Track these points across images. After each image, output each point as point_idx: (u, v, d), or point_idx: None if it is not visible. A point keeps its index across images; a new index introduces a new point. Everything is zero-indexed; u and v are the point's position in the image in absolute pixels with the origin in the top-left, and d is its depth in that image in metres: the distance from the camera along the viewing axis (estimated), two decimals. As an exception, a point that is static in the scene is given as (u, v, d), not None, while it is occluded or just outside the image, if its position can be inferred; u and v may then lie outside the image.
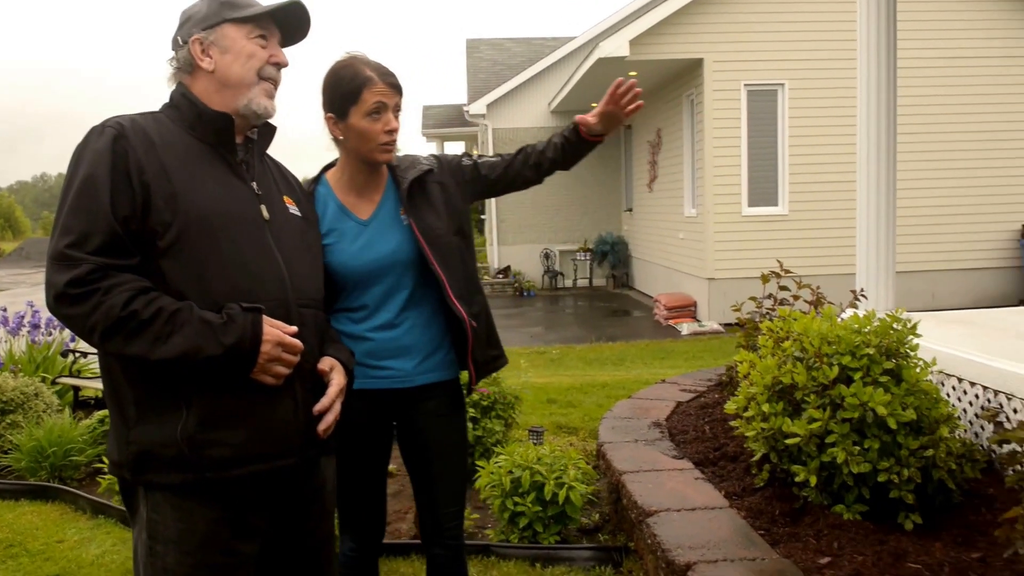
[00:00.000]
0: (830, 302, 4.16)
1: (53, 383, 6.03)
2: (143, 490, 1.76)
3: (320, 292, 2.03)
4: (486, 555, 3.48)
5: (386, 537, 3.64)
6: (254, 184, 1.91)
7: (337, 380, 1.94)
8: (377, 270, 2.30)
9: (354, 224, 2.32)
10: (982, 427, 3.22)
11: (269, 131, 2.01)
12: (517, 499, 3.51)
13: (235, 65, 1.87)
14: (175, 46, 1.90)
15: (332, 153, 2.40)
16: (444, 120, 21.32)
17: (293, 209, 2.01)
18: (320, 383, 1.92)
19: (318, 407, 1.89)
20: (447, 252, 2.34)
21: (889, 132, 4.11)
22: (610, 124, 2.41)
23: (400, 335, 2.35)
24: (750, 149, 11.10)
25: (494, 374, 4.37)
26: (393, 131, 2.25)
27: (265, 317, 1.74)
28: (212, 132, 1.86)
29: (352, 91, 2.20)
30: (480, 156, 2.51)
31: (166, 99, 1.92)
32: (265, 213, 1.89)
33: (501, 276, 16.88)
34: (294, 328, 1.79)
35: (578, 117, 2.42)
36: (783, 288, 4.38)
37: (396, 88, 2.25)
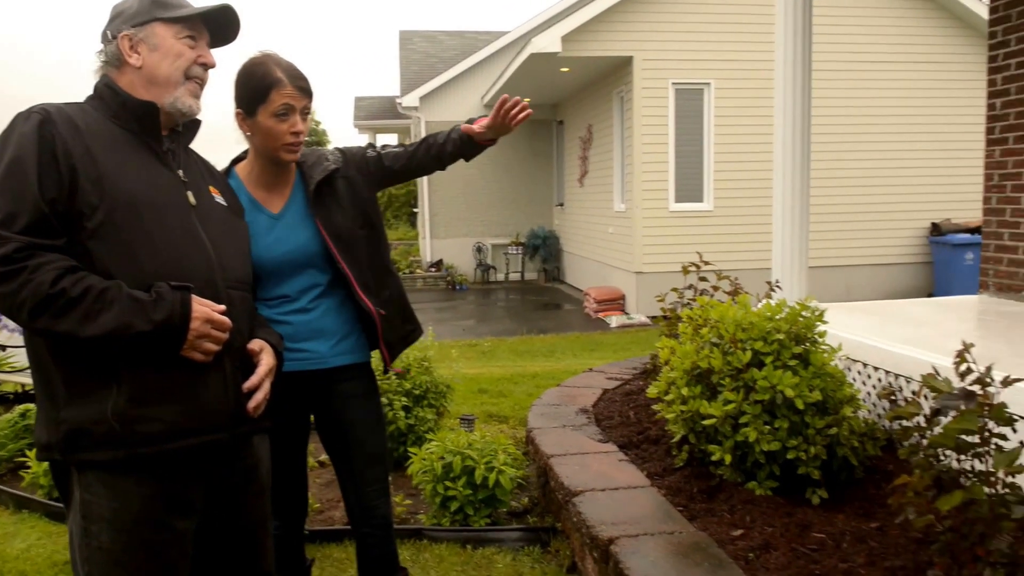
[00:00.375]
0: (748, 293, 4.36)
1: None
2: (76, 472, 1.78)
3: (248, 276, 2.08)
4: (418, 539, 3.57)
5: (319, 525, 3.73)
6: (180, 172, 1.96)
7: (266, 360, 2.01)
8: (289, 263, 2.39)
9: (265, 218, 2.39)
10: (885, 408, 3.44)
11: (194, 125, 2.06)
12: (448, 483, 3.60)
13: (163, 63, 1.92)
14: (104, 40, 1.94)
15: (243, 145, 2.46)
16: (376, 112, 21.12)
17: (218, 198, 2.07)
18: (250, 362, 1.98)
19: (247, 385, 1.95)
20: (354, 246, 2.45)
21: (804, 132, 4.32)
22: (498, 132, 2.54)
23: (315, 319, 2.45)
24: (677, 146, 11.35)
25: (426, 364, 4.52)
26: (299, 133, 2.32)
27: (194, 296, 1.79)
28: (136, 120, 1.90)
29: (261, 91, 2.26)
30: (384, 147, 2.61)
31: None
32: (192, 199, 1.94)
33: (434, 270, 16.89)
34: (222, 307, 1.85)
35: (463, 127, 2.52)
36: (703, 279, 4.57)
37: (305, 92, 2.32)
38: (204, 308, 1.80)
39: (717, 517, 2.85)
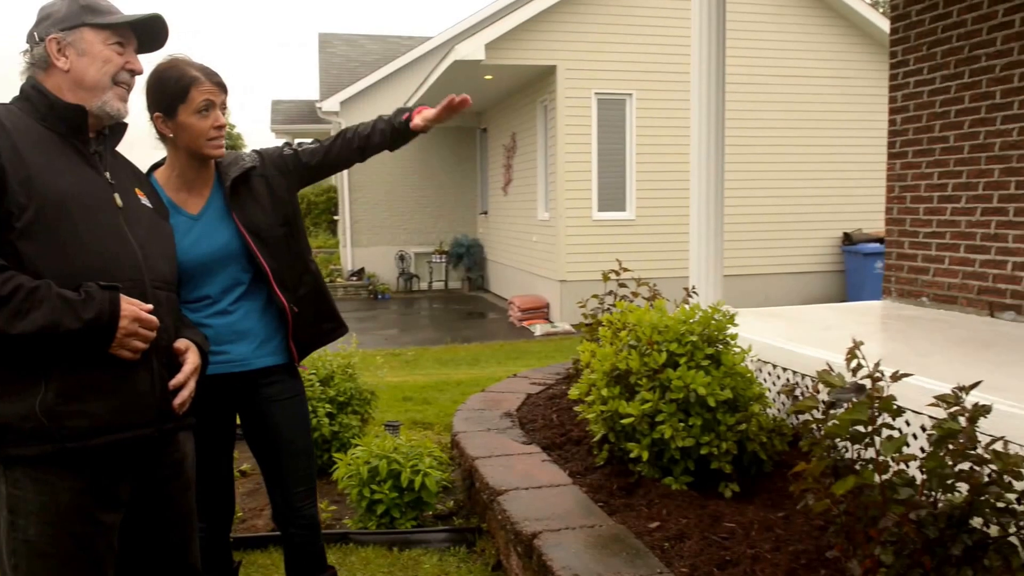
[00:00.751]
0: (666, 299, 4.52)
1: None
2: (2, 468, 1.80)
3: (174, 276, 2.12)
4: (344, 543, 3.59)
5: (243, 532, 3.72)
6: (107, 174, 1.98)
7: (192, 359, 2.06)
8: (210, 263, 2.43)
9: (185, 219, 2.42)
10: (790, 403, 3.63)
11: (121, 128, 2.09)
12: (375, 487, 3.64)
13: (91, 68, 1.94)
14: (31, 41, 1.95)
15: (160, 151, 2.50)
16: (295, 116, 20.84)
17: (144, 200, 2.10)
18: (176, 361, 2.03)
19: (173, 382, 2.00)
20: (272, 243, 2.49)
21: (718, 143, 4.52)
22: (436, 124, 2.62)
23: (237, 320, 2.48)
24: (600, 156, 11.55)
25: (349, 371, 4.54)
26: (221, 127, 2.39)
27: (122, 295, 1.83)
28: (63, 123, 1.91)
29: (180, 91, 2.30)
30: (300, 144, 2.67)
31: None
32: (119, 201, 1.97)
33: (355, 278, 16.74)
34: (150, 306, 1.89)
35: (415, 122, 2.56)
36: (623, 286, 4.72)
37: (221, 87, 2.38)
38: (132, 307, 1.84)
39: (635, 511, 2.97)
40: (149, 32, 2.06)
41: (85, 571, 1.86)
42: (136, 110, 2.42)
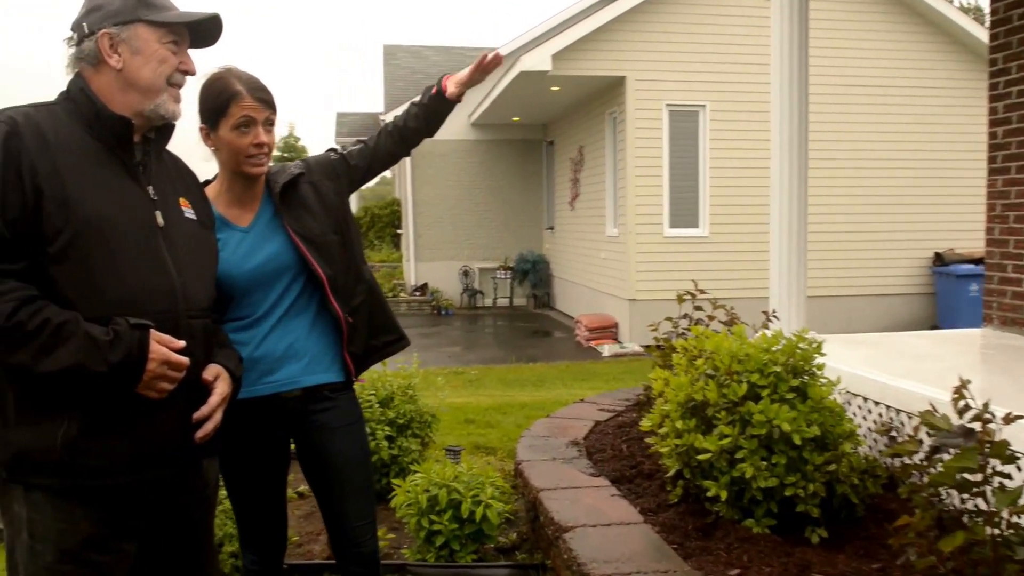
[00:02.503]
0: (744, 323, 4.26)
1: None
2: (23, 490, 1.74)
3: (211, 300, 2.02)
4: (402, 574, 3.43)
5: (298, 558, 3.60)
6: (150, 188, 1.88)
7: (220, 389, 1.95)
8: (261, 276, 2.32)
9: (235, 233, 2.34)
10: (886, 444, 3.34)
11: (169, 129, 1.98)
12: (434, 517, 3.48)
13: (145, 69, 1.83)
14: (79, 32, 1.83)
15: (211, 163, 2.42)
16: (359, 128, 20.97)
17: (189, 212, 1.99)
18: (204, 392, 1.93)
19: (197, 414, 1.90)
20: (325, 250, 2.39)
21: (801, 157, 4.25)
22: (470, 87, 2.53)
23: (285, 339, 2.36)
24: (672, 170, 11.26)
25: (410, 392, 4.40)
26: (262, 145, 2.28)
27: (153, 332, 1.73)
28: (109, 133, 1.81)
29: (221, 104, 2.23)
30: (345, 148, 2.57)
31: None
32: (159, 219, 1.86)
33: (418, 293, 16.65)
34: (181, 343, 1.79)
35: (449, 91, 2.48)
36: (698, 308, 4.47)
37: (266, 103, 2.28)
38: (162, 348, 1.75)
39: (713, 556, 2.74)
40: (203, 30, 1.95)
41: None
42: (188, 121, 2.33)
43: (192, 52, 1.97)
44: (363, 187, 2.76)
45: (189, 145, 2.35)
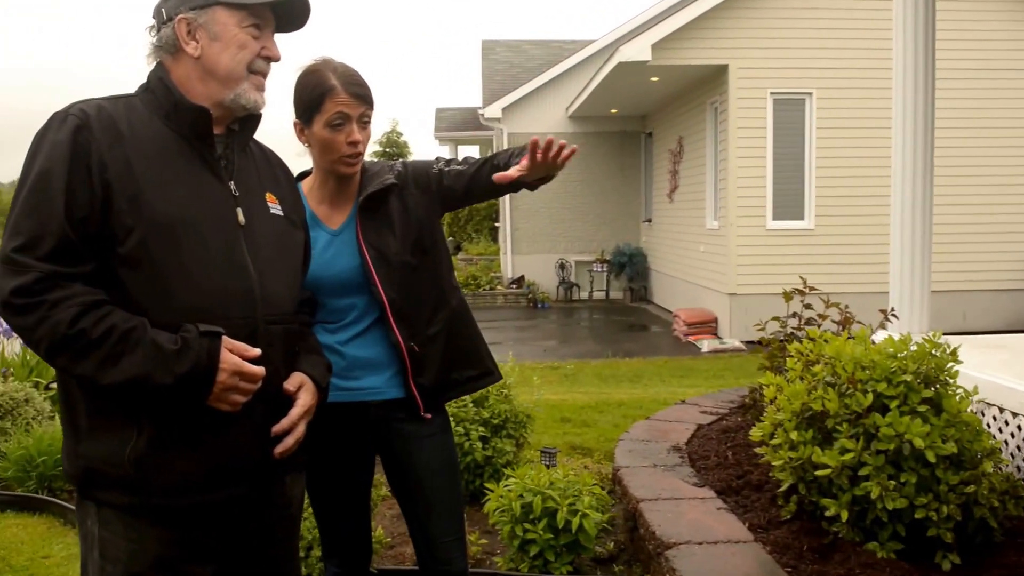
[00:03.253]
0: (859, 322, 3.95)
1: (46, 388, 5.82)
2: (95, 506, 1.66)
3: (294, 304, 1.88)
4: (494, 585, 3.31)
5: (389, 563, 3.51)
6: (232, 184, 1.75)
7: (303, 400, 1.81)
8: (344, 283, 2.20)
9: (325, 234, 2.22)
10: (1026, 460, 3.01)
11: (253, 121, 1.85)
12: (528, 526, 3.33)
13: (224, 55, 1.71)
14: (158, 18, 1.73)
15: (305, 158, 2.30)
16: (458, 123, 21.03)
17: (275, 208, 1.85)
18: (286, 403, 1.78)
19: (277, 428, 1.75)
20: (399, 270, 2.22)
21: (926, 145, 3.92)
22: (546, 172, 2.15)
23: (371, 347, 2.24)
24: (776, 161, 10.84)
25: (505, 391, 4.26)
26: (356, 143, 2.14)
27: (225, 340, 1.61)
28: (187, 125, 1.70)
29: (315, 99, 2.11)
30: (449, 162, 2.33)
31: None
32: (241, 217, 1.73)
33: (515, 286, 16.62)
34: (256, 352, 1.65)
35: (496, 176, 2.11)
36: (807, 307, 4.18)
37: (362, 98, 2.13)
38: (234, 358, 1.61)
39: (832, 583, 2.50)
40: (288, 12, 1.81)
41: None
42: (278, 114, 2.23)
43: (282, 39, 1.85)
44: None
45: (283, 137, 2.25)
